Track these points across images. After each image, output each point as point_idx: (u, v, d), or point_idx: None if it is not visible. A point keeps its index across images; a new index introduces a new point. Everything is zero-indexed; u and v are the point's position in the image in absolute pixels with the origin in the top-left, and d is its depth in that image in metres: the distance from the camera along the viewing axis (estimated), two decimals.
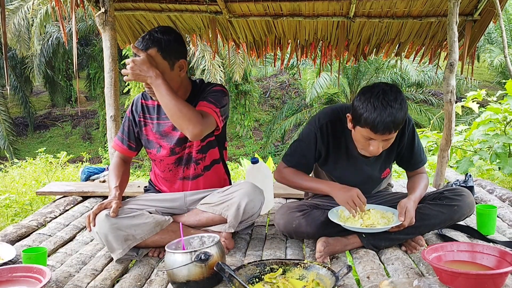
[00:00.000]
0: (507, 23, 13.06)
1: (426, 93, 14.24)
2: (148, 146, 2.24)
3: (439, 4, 3.13)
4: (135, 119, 2.23)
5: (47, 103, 18.78)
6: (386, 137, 1.89)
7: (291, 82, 18.33)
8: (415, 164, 2.21)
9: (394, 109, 1.83)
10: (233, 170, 6.92)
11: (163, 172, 2.24)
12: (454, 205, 2.05)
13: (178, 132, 2.13)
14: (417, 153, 2.18)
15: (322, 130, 2.10)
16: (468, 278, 1.57)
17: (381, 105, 1.82)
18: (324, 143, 2.12)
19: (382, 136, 1.88)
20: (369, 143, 1.93)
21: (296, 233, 2.08)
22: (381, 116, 1.82)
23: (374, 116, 1.82)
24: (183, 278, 1.67)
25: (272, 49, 3.75)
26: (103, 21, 2.98)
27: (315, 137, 2.11)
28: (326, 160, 2.17)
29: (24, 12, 11.24)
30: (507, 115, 4.09)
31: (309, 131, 2.13)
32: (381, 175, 2.23)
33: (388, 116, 1.82)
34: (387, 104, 1.82)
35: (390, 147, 2.05)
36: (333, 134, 2.11)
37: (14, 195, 4.11)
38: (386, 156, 2.16)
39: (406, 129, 2.11)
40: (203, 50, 11.23)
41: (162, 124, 2.18)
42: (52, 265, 1.96)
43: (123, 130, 2.26)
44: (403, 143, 2.14)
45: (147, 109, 2.22)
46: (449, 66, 2.94)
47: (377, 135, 1.87)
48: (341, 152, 2.14)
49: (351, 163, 2.15)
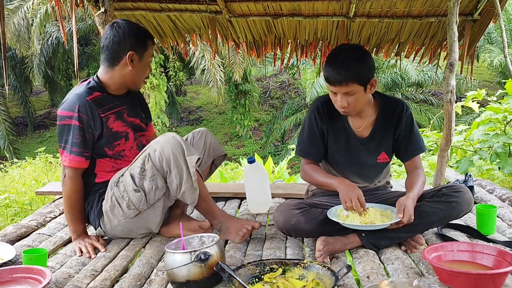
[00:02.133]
0: (507, 23, 13.06)
1: (426, 93, 14.24)
2: (114, 140, 2.19)
3: (439, 4, 3.13)
4: (93, 122, 2.11)
5: (47, 103, 18.77)
6: (344, 89, 1.99)
7: (291, 82, 18.33)
8: (413, 151, 2.23)
9: (346, 61, 1.96)
10: (233, 170, 6.93)
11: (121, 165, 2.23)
12: (452, 202, 2.06)
13: (136, 119, 2.28)
14: (416, 140, 2.22)
15: (318, 110, 2.21)
16: (468, 278, 1.57)
17: (332, 58, 2.01)
18: (324, 122, 2.21)
19: (340, 88, 2.00)
20: (335, 99, 2.06)
21: (295, 231, 2.09)
22: (331, 67, 1.98)
23: (328, 68, 1.99)
24: (183, 278, 1.67)
25: (272, 49, 3.74)
26: (103, 21, 2.98)
27: (315, 118, 2.21)
28: (327, 140, 2.24)
29: (24, 12, 11.23)
30: (507, 114, 4.10)
31: (309, 115, 2.26)
32: (377, 159, 2.24)
33: (337, 67, 1.96)
34: (338, 56, 2.00)
35: (386, 130, 2.18)
36: (329, 113, 2.21)
37: (14, 195, 4.12)
38: (381, 138, 2.21)
39: (404, 115, 2.19)
40: (203, 50, 11.24)
41: (120, 110, 2.22)
42: (52, 266, 1.96)
43: (77, 143, 2.08)
44: (400, 128, 2.19)
45: (101, 103, 2.15)
46: (449, 66, 2.94)
47: (334, 87, 2.01)
48: (339, 129, 2.22)
49: (349, 141, 2.22)
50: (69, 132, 2.08)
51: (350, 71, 1.95)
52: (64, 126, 2.09)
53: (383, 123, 2.20)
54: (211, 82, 12.29)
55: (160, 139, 2.11)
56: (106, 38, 2.14)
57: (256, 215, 2.69)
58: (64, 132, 2.09)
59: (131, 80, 2.21)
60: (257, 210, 2.66)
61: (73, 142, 2.08)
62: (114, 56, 2.14)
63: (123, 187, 2.12)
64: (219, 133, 16.26)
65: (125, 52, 2.13)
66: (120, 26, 2.13)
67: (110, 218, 2.18)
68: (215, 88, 12.32)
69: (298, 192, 3.00)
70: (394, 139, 2.22)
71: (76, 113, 2.06)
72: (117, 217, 2.16)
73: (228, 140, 15.84)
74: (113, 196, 2.14)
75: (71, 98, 2.11)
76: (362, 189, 2.06)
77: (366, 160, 2.24)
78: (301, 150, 2.27)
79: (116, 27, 2.13)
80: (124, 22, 2.16)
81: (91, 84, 2.17)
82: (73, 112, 2.07)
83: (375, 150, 2.23)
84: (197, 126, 16.72)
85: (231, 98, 15.54)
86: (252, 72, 15.63)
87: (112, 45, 2.12)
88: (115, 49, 2.13)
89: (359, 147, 2.21)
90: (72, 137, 2.08)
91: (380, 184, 2.36)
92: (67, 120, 2.08)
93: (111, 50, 2.13)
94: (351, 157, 2.22)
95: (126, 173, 2.13)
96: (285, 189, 3.21)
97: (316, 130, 2.22)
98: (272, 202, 2.79)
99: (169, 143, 2.07)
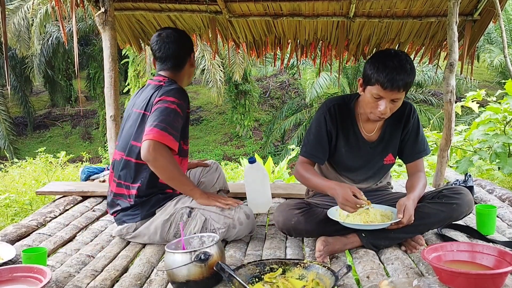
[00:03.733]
0: (506, 23, 13.05)
1: (426, 93, 14.23)
2: (184, 138, 2.27)
3: (439, 4, 3.13)
4: (187, 113, 2.23)
5: (47, 103, 18.78)
6: (394, 96, 1.95)
7: (291, 82, 18.33)
8: (417, 153, 2.23)
9: (404, 68, 1.92)
10: (233, 170, 6.93)
11: (183, 165, 2.31)
12: (453, 204, 2.06)
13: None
14: (421, 142, 2.22)
15: (330, 112, 2.17)
16: (468, 278, 1.57)
17: (392, 63, 1.92)
18: (334, 124, 2.17)
19: (391, 94, 1.94)
20: (378, 103, 1.98)
21: (295, 231, 2.08)
22: (392, 72, 1.90)
23: (385, 73, 1.91)
24: (183, 278, 1.67)
25: (272, 49, 3.75)
26: (103, 21, 2.98)
27: (325, 120, 2.17)
28: (336, 143, 2.20)
29: (24, 12, 11.24)
30: (506, 115, 4.10)
31: (318, 116, 2.20)
32: (384, 160, 2.24)
33: (398, 73, 1.91)
34: (398, 62, 1.92)
35: (395, 132, 2.16)
36: (341, 116, 2.18)
37: (14, 195, 4.12)
38: (389, 139, 2.20)
39: (412, 116, 2.19)
40: (203, 50, 11.24)
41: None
42: (52, 265, 1.96)
43: (177, 128, 2.12)
44: (407, 129, 2.19)
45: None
46: (449, 66, 2.94)
47: (386, 92, 1.93)
48: (349, 133, 2.19)
49: (359, 145, 2.19)
50: (171, 115, 2.11)
51: (408, 78, 1.93)
52: (168, 109, 2.11)
53: (392, 125, 2.20)
54: (211, 82, 12.29)
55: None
56: (167, 47, 2.24)
57: (256, 215, 2.69)
58: (169, 115, 2.10)
59: (190, 78, 2.40)
60: (257, 210, 2.66)
61: (172, 124, 2.10)
62: (181, 60, 2.30)
63: (192, 225, 2.17)
64: (219, 133, 16.26)
65: (189, 53, 2.33)
66: (175, 32, 2.31)
67: (150, 227, 2.20)
68: (215, 88, 12.32)
69: (298, 192, 3.00)
70: (400, 140, 2.22)
71: (180, 101, 2.15)
72: (157, 232, 2.19)
73: (228, 140, 15.83)
74: (174, 216, 2.18)
75: (174, 88, 2.18)
76: (364, 190, 2.05)
77: (374, 162, 2.23)
78: (306, 152, 2.20)
79: (173, 33, 2.29)
80: (172, 29, 2.35)
81: (172, 81, 2.26)
82: (178, 100, 2.14)
83: (382, 152, 2.22)
84: (197, 126, 16.72)
85: (231, 98, 15.54)
86: (252, 72, 15.63)
87: (178, 51, 2.28)
88: (181, 54, 2.29)
89: (369, 150, 2.20)
90: (173, 120, 2.11)
91: (381, 185, 2.36)
92: (171, 105, 2.12)
93: (178, 56, 2.28)
94: (360, 161, 2.21)
95: (200, 217, 2.18)
96: (285, 189, 3.21)
97: (324, 132, 2.17)
98: (272, 202, 2.78)
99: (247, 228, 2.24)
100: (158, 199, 2.23)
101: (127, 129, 2.26)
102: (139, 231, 2.21)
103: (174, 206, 2.20)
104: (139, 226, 2.22)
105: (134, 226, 2.22)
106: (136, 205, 2.20)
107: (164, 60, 2.28)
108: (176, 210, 2.19)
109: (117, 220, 2.28)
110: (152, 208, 2.22)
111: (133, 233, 2.23)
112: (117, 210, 2.26)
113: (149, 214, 2.22)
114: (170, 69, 2.29)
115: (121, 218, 2.25)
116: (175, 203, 2.22)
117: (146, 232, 2.21)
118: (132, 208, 2.21)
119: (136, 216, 2.21)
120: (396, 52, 2.00)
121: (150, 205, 2.21)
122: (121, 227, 2.25)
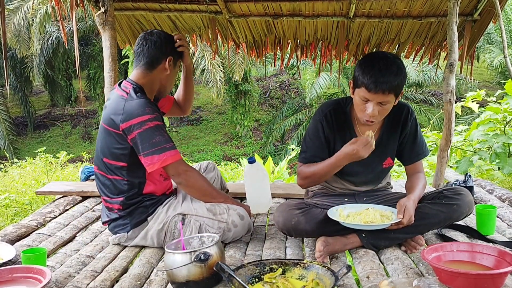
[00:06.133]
0: (506, 23, 13.07)
1: (426, 93, 14.23)
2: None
3: (439, 4, 3.13)
4: (161, 117, 2.22)
5: (47, 103, 18.77)
6: (381, 99, 1.94)
7: (291, 82, 18.32)
8: (416, 155, 2.23)
9: (389, 71, 1.91)
10: (233, 170, 6.92)
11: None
12: (453, 204, 2.06)
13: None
14: (419, 144, 2.22)
15: (326, 118, 2.16)
16: (467, 278, 1.57)
17: (378, 65, 1.92)
18: (331, 130, 2.16)
19: (377, 96, 1.93)
20: (365, 106, 1.98)
21: (295, 231, 2.08)
22: (376, 75, 1.90)
23: (369, 75, 1.91)
24: (183, 278, 1.67)
25: (272, 49, 3.74)
26: (103, 21, 2.98)
27: (322, 126, 2.16)
28: (334, 148, 2.18)
29: (24, 12, 11.24)
30: (506, 115, 4.10)
31: (315, 122, 2.19)
32: (383, 164, 2.23)
33: (383, 75, 1.90)
34: (384, 65, 1.91)
35: (393, 135, 2.14)
36: (337, 121, 2.17)
37: (14, 195, 4.11)
38: (387, 143, 2.19)
39: (409, 119, 2.18)
40: (203, 50, 11.24)
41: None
42: (51, 265, 1.96)
43: (168, 139, 2.11)
44: (405, 132, 2.19)
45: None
46: (448, 66, 2.94)
47: (372, 94, 1.93)
48: (347, 138, 2.15)
49: None
50: (156, 133, 2.04)
51: (394, 81, 1.91)
52: (149, 129, 2.03)
53: (389, 129, 2.19)
54: (211, 82, 12.29)
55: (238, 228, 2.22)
56: (144, 44, 2.17)
57: (256, 215, 2.69)
58: (154, 134, 2.03)
59: (164, 84, 2.26)
60: (257, 210, 2.66)
61: (166, 139, 2.07)
62: (154, 60, 2.17)
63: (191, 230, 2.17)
64: (219, 133, 16.26)
65: (165, 56, 2.18)
66: (159, 33, 2.21)
67: (146, 237, 2.18)
68: (215, 88, 12.32)
69: (298, 192, 3.00)
70: (399, 143, 2.21)
71: (152, 114, 2.04)
72: (153, 240, 2.18)
73: (228, 140, 15.83)
74: (167, 224, 2.16)
75: (138, 103, 2.04)
76: (364, 191, 2.05)
77: (373, 167, 2.22)
78: (305, 158, 2.19)
79: (156, 34, 2.19)
80: (160, 31, 2.25)
81: (136, 90, 2.11)
82: (149, 114, 2.03)
83: (381, 156, 2.20)
84: (197, 126, 16.72)
85: (231, 98, 15.53)
86: (252, 72, 15.63)
87: (153, 50, 2.16)
88: (156, 54, 2.17)
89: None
90: (162, 135, 2.05)
91: (381, 185, 2.36)
92: (148, 124, 2.02)
93: (152, 54, 2.16)
94: (358, 166, 2.17)
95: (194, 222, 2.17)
96: (285, 189, 3.21)
97: (321, 138, 2.16)
98: (272, 202, 2.78)
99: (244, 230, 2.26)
100: (146, 206, 2.18)
101: (98, 143, 2.21)
102: (135, 242, 2.20)
103: (166, 213, 2.18)
104: (132, 235, 2.19)
105: (126, 236, 2.20)
106: (124, 216, 2.18)
107: (138, 55, 2.19)
108: (169, 219, 2.16)
109: (110, 230, 2.26)
110: (141, 215, 2.18)
111: (129, 241, 2.22)
112: (107, 221, 2.24)
113: (139, 222, 2.18)
114: (142, 67, 2.18)
115: (113, 229, 2.23)
116: (166, 209, 2.19)
117: (143, 242, 2.20)
118: (121, 218, 2.18)
119: (126, 226, 2.19)
120: (385, 54, 1.98)
121: (138, 213, 2.17)
122: (114, 237, 2.24)
